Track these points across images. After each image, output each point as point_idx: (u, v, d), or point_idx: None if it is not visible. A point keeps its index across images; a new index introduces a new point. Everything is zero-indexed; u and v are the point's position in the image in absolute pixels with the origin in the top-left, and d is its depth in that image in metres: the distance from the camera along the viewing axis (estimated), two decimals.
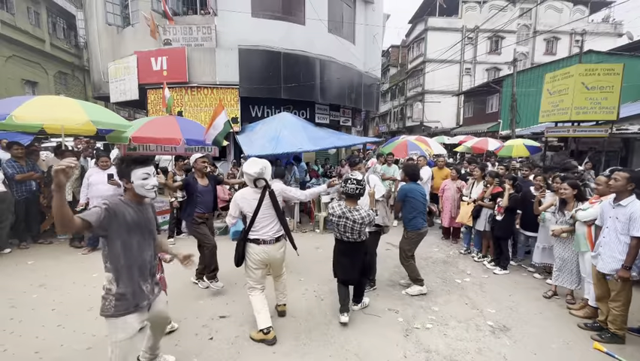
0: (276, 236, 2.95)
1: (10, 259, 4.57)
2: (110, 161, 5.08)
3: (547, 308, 3.68)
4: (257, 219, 2.86)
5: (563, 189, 3.65)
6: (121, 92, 9.54)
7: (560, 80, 9.10)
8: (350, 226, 3.07)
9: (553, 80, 9.38)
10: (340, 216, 3.09)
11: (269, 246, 2.91)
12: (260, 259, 2.91)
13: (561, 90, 9.01)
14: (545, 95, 9.69)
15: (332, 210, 3.15)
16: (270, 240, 2.91)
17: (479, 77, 24.04)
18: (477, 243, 5.33)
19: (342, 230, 3.13)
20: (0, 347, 2.67)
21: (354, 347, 2.85)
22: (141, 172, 1.89)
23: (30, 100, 4.90)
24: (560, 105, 8.98)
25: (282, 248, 3.05)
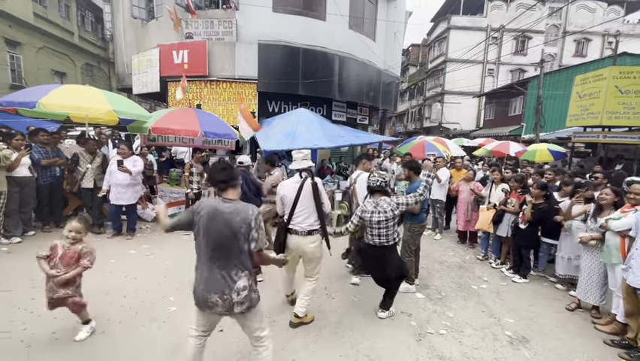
0: (308, 229, 2.95)
1: (33, 241, 4.74)
2: (129, 150, 5.17)
3: (570, 321, 3.50)
4: (296, 209, 2.94)
5: (604, 194, 3.43)
6: (143, 84, 9.75)
7: (591, 82, 8.65)
8: (384, 221, 3.03)
9: (584, 82, 8.92)
10: (373, 212, 3.05)
11: (299, 237, 2.95)
12: (291, 248, 2.99)
13: (592, 93, 8.56)
14: (574, 98, 9.24)
15: (364, 207, 3.12)
16: (302, 231, 2.94)
17: (502, 79, 23.26)
18: (495, 249, 5.14)
19: (375, 230, 3.07)
20: (21, 326, 2.75)
21: (365, 348, 2.78)
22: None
23: (56, 89, 5.05)
24: (590, 109, 8.53)
25: (313, 243, 3.00)
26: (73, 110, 4.95)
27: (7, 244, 4.47)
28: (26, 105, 4.73)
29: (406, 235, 3.98)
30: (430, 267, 4.81)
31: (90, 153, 5.30)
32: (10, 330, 2.69)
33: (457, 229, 6.16)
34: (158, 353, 2.54)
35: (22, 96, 4.97)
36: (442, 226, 6.63)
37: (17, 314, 2.93)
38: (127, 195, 4.99)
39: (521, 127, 16.98)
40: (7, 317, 2.86)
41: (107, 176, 5.00)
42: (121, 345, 2.59)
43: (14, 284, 3.43)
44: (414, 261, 4.01)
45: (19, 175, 4.62)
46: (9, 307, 3.03)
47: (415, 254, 4.05)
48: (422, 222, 4.00)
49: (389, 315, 3.32)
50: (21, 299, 3.16)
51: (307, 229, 2.95)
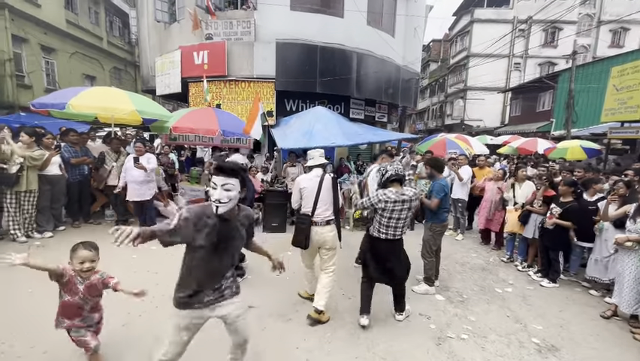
0: (326, 219, 3.16)
1: (64, 236, 4.99)
2: (145, 147, 5.30)
3: (605, 330, 3.25)
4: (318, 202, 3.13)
5: None
6: (166, 86, 10.06)
7: (629, 74, 8.06)
8: (405, 211, 2.93)
9: (622, 74, 8.33)
10: (396, 201, 2.90)
11: (319, 227, 3.14)
12: (313, 239, 3.13)
13: (630, 86, 7.98)
14: (611, 92, 8.64)
15: (384, 196, 2.92)
16: (321, 222, 3.14)
17: (530, 73, 22.16)
18: (522, 251, 4.88)
19: (394, 221, 2.93)
20: (50, 317, 2.87)
21: (382, 351, 2.71)
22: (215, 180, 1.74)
23: (85, 90, 5.30)
24: (629, 103, 7.95)
25: (332, 232, 3.18)
26: (100, 111, 5.17)
27: (40, 238, 4.72)
28: (57, 107, 4.98)
29: (426, 235, 3.85)
30: (451, 268, 4.64)
31: (115, 151, 5.52)
32: (41, 320, 2.81)
33: (479, 227, 5.92)
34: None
35: (54, 98, 5.24)
36: (464, 226, 6.39)
37: (48, 306, 3.06)
38: (141, 191, 5.12)
39: (550, 123, 16.10)
40: (38, 308, 3.01)
41: (122, 173, 5.14)
42: (142, 338, 2.66)
43: (45, 276, 3.60)
44: (434, 262, 3.87)
45: (51, 174, 4.87)
46: (42, 298, 3.18)
47: (435, 255, 3.91)
48: (444, 222, 3.85)
49: (406, 315, 3.22)
50: (52, 292, 3.31)
51: (326, 219, 3.15)
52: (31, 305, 3.06)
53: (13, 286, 3.37)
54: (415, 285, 3.88)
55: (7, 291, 3.27)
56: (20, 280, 3.53)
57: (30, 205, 4.63)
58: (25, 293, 3.27)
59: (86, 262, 2.13)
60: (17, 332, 2.64)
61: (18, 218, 4.55)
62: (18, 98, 12.08)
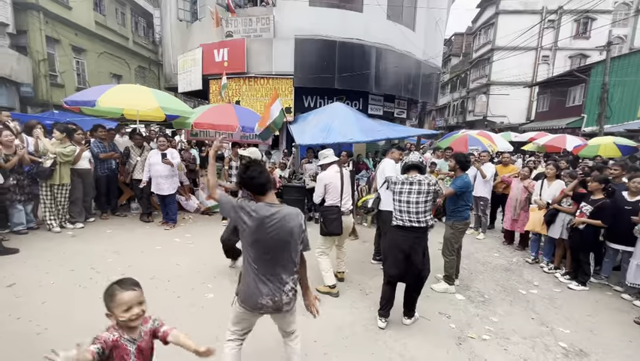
0: (350, 208, 3.74)
1: (93, 227, 5.25)
2: (168, 142, 5.48)
3: (639, 336, 3.07)
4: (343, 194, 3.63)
5: None
6: (187, 83, 10.32)
7: None
8: (414, 197, 2.83)
9: None
10: (404, 183, 2.88)
11: (346, 216, 3.66)
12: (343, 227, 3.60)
13: None
14: None
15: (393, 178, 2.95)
16: (347, 211, 3.66)
17: (559, 66, 21.03)
18: (547, 252, 4.68)
19: (405, 204, 2.86)
20: (80, 303, 3.05)
21: (399, 348, 2.68)
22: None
23: (112, 88, 5.53)
24: None
25: (352, 219, 3.84)
26: (127, 107, 5.39)
27: (72, 229, 4.99)
28: (88, 104, 5.24)
29: (447, 233, 3.76)
30: (472, 268, 4.52)
31: (138, 146, 5.73)
32: (72, 305, 2.98)
33: (503, 227, 5.72)
34: (197, 337, 2.66)
35: (84, 96, 5.51)
36: (486, 225, 6.20)
37: (79, 292, 3.25)
38: (166, 185, 5.29)
39: (581, 119, 15.26)
40: (70, 293, 3.19)
41: (145, 168, 5.32)
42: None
43: (76, 265, 3.81)
44: (455, 260, 3.78)
45: (81, 167, 5.12)
46: (72, 285, 3.37)
47: (456, 253, 3.82)
48: (466, 220, 3.74)
49: (414, 320, 3.09)
50: (82, 278, 3.51)
51: (349, 208, 3.73)
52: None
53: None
54: (434, 283, 3.80)
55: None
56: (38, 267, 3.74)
57: (63, 197, 4.90)
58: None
59: (133, 306, 1.43)
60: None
61: (53, 209, 4.82)
62: (51, 97, 12.75)
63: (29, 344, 2.42)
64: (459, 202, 3.71)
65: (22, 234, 4.52)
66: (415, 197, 2.85)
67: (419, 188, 2.86)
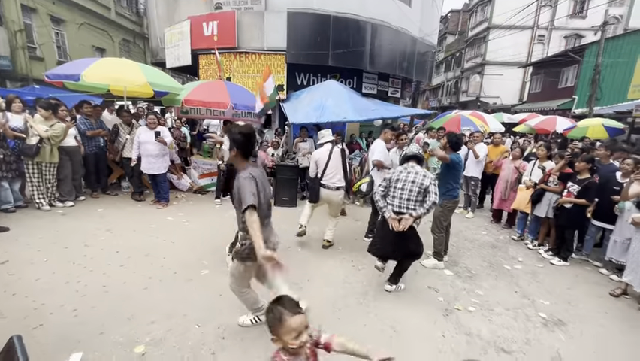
0: (336, 185, 4.00)
1: (84, 205, 5.18)
2: (159, 120, 5.35)
3: (614, 308, 3.28)
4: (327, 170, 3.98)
5: None
6: (175, 58, 9.91)
7: None
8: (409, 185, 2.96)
9: None
10: (401, 172, 3.03)
11: (329, 190, 4.01)
12: (321, 197, 4.06)
13: None
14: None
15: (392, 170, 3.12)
16: (331, 186, 3.99)
17: (554, 46, 20.87)
18: (533, 230, 4.86)
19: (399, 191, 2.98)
20: (76, 279, 3.07)
21: (390, 320, 2.80)
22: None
23: (97, 62, 5.27)
24: None
25: (339, 195, 4.09)
26: (113, 82, 5.17)
27: (62, 207, 4.92)
28: (71, 78, 5.00)
29: (437, 211, 3.85)
30: (461, 245, 4.67)
31: (127, 124, 5.58)
32: (68, 281, 3.00)
33: (492, 207, 5.87)
34: (195, 309, 2.73)
35: (67, 69, 5.25)
36: (475, 205, 6.35)
37: (73, 268, 3.25)
38: (157, 164, 5.22)
39: (572, 100, 15.37)
40: (64, 270, 3.20)
41: (135, 146, 5.20)
42: (161, 301, 2.81)
43: (69, 242, 3.80)
44: (444, 237, 3.90)
45: (68, 145, 4.98)
46: (66, 262, 3.37)
47: (445, 231, 3.94)
48: (455, 199, 3.84)
49: (396, 289, 3.25)
50: (76, 256, 3.51)
51: (336, 184, 4.00)
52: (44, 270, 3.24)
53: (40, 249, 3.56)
54: (424, 259, 3.93)
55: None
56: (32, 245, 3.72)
57: (51, 175, 4.79)
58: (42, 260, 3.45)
59: (302, 332, 1.27)
60: (49, 293, 2.81)
61: (41, 187, 4.72)
62: (31, 71, 12.12)
63: (27, 319, 2.45)
64: (449, 181, 3.79)
65: (9, 212, 4.44)
66: (409, 185, 2.98)
67: (414, 178, 2.98)
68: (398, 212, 2.99)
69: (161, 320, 2.57)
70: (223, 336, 2.44)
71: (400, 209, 2.99)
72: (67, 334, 2.32)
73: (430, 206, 2.95)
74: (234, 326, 2.56)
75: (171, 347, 2.29)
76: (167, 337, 2.38)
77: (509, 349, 2.54)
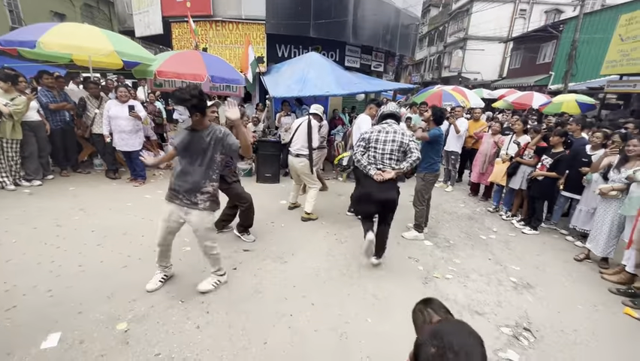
0: (296, 152, 4.19)
1: (53, 184, 4.91)
2: (130, 93, 5.02)
3: (577, 271, 3.54)
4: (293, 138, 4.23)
5: (632, 145, 3.22)
6: (145, 26, 9.19)
7: (638, 22, 7.70)
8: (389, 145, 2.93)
9: (629, 22, 7.96)
10: (380, 131, 2.96)
11: (291, 157, 4.24)
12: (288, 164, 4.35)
13: (636, 36, 7.69)
14: (615, 42, 8.34)
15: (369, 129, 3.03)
16: (293, 153, 4.22)
17: (535, 20, 20.96)
18: (507, 201, 5.08)
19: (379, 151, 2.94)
20: (49, 259, 2.94)
21: (373, 288, 2.90)
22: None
23: (55, 26, 4.79)
24: (632, 55, 7.73)
25: (300, 163, 4.21)
26: (76, 51, 4.75)
27: (29, 187, 4.63)
28: (26, 45, 4.54)
29: (419, 185, 3.92)
30: (440, 217, 4.83)
31: (95, 97, 5.20)
32: (40, 262, 2.88)
33: (470, 180, 6.05)
34: (177, 286, 2.71)
35: (21, 35, 4.75)
36: (455, 179, 6.52)
37: (45, 249, 3.12)
38: (131, 140, 4.96)
39: (549, 76, 15.71)
40: (35, 251, 3.06)
41: (104, 121, 4.89)
42: (142, 279, 2.76)
43: (39, 222, 3.61)
44: (424, 210, 4.01)
45: (30, 119, 4.60)
46: (37, 242, 3.22)
47: (426, 204, 4.04)
48: (436, 172, 3.91)
49: (381, 261, 3.31)
50: (47, 236, 3.35)
51: (296, 152, 4.19)
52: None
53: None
54: (405, 231, 4.05)
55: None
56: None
57: (14, 152, 4.45)
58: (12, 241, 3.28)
59: None
60: (19, 274, 2.69)
61: (4, 165, 4.40)
62: None
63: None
64: (430, 155, 3.83)
65: None
66: (389, 145, 2.94)
67: (394, 137, 2.94)
68: (380, 169, 2.99)
69: (143, 297, 2.53)
70: (207, 310, 2.45)
71: (384, 166, 2.97)
72: (43, 314, 2.25)
73: (414, 161, 2.92)
74: (219, 300, 2.57)
75: (155, 322, 2.28)
76: (149, 313, 2.36)
77: (482, 311, 2.71)
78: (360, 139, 3.07)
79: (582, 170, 3.96)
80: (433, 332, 0.78)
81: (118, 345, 2.06)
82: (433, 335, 0.77)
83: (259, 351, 2.11)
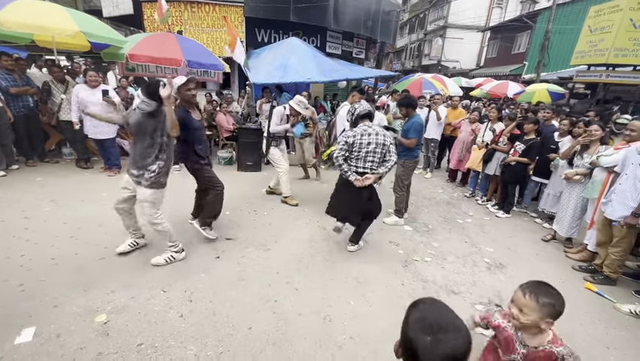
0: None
1: (18, 175, 4.62)
2: (100, 77, 4.74)
3: (544, 251, 3.78)
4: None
5: (592, 131, 3.42)
6: (114, 5, 8.61)
7: (605, 14, 8.04)
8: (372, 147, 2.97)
9: (598, 14, 8.30)
10: (362, 135, 2.98)
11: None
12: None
13: (604, 27, 8.03)
14: (584, 33, 8.69)
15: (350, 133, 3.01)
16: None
17: (511, 10, 21.43)
18: (482, 187, 5.29)
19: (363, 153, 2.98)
20: (18, 253, 2.80)
21: (355, 273, 2.97)
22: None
23: (12, 3, 4.38)
24: (599, 45, 8.09)
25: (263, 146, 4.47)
26: (37, 30, 4.41)
27: None
28: None
29: (399, 171, 4.00)
30: (419, 203, 4.97)
31: (60, 81, 4.88)
32: (9, 256, 2.74)
33: (449, 167, 6.24)
34: (158, 276, 2.66)
35: None
36: (434, 165, 6.70)
37: (13, 242, 2.96)
38: (105, 128, 4.72)
39: (523, 66, 16.23)
40: (3, 244, 2.90)
41: (73, 107, 4.61)
42: (120, 270, 2.69)
43: (5, 215, 3.41)
44: (404, 196, 4.11)
45: None
46: (4, 235, 3.05)
47: (406, 190, 4.14)
48: (416, 158, 4.01)
49: (358, 248, 3.38)
50: (15, 229, 3.18)
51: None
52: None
53: None
54: (385, 217, 4.15)
55: None
56: None
57: None
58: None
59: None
60: None
61: None
62: None
63: None
64: None
65: None
66: (372, 147, 2.99)
67: (376, 139, 2.98)
68: (362, 173, 3.05)
69: (122, 288, 2.48)
70: (191, 299, 2.43)
71: (365, 170, 3.04)
72: (15, 309, 2.16)
73: (392, 165, 3.05)
74: (203, 289, 2.55)
75: (136, 313, 2.24)
76: (130, 304, 2.32)
77: (458, 290, 2.85)
78: (343, 142, 3.02)
79: (550, 156, 4.19)
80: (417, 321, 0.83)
81: (98, 337, 2.02)
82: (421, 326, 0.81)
83: (244, 336, 2.13)
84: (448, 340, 0.77)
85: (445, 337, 0.77)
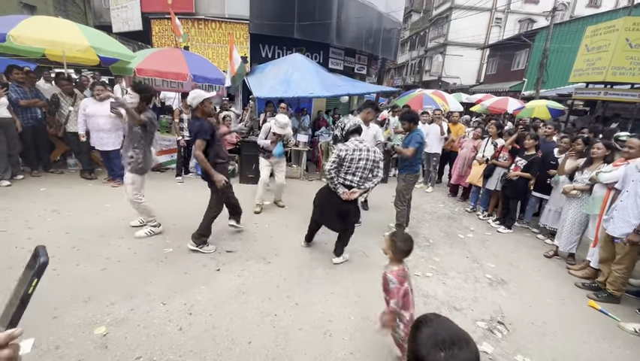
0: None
1: (23, 185, 4.67)
2: (107, 90, 4.86)
3: (547, 267, 3.75)
4: None
5: (596, 148, 3.46)
6: (123, 21, 8.91)
7: (602, 34, 8.24)
8: (363, 163, 3.04)
9: (595, 34, 8.50)
10: (354, 150, 3.05)
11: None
12: None
13: (600, 47, 8.21)
14: (582, 52, 8.87)
15: (343, 147, 3.06)
16: None
17: (510, 29, 21.95)
18: (484, 202, 5.29)
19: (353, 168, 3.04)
20: (20, 263, 2.80)
21: (355, 287, 2.95)
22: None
23: (26, 19, 4.58)
24: (597, 64, 8.25)
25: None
26: (49, 46, 4.55)
27: None
28: None
29: (400, 185, 4.03)
30: (420, 217, 4.97)
31: (69, 94, 5.00)
32: (11, 266, 2.75)
33: (450, 182, 6.26)
34: (159, 288, 2.66)
35: None
36: (435, 180, 6.72)
37: (16, 253, 2.97)
38: (111, 139, 4.81)
39: (522, 82, 16.48)
40: (6, 255, 2.91)
41: (80, 119, 4.72)
42: (121, 282, 2.69)
43: (8, 225, 3.44)
44: (405, 210, 4.12)
45: (1, 116, 4.38)
46: (7, 246, 3.06)
47: (407, 204, 4.15)
48: (416, 173, 4.05)
49: (343, 260, 3.38)
50: (18, 239, 3.20)
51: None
52: None
53: None
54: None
55: None
56: None
57: None
58: None
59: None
60: None
61: None
62: None
63: None
64: (412, 157, 3.93)
65: None
66: (363, 163, 3.06)
67: (367, 155, 3.06)
68: (349, 186, 3.11)
69: (122, 300, 2.47)
70: (190, 312, 2.42)
71: (352, 184, 3.11)
72: None
73: (378, 181, 3.20)
74: (203, 302, 2.54)
75: (135, 325, 2.23)
76: (129, 316, 2.31)
77: (460, 306, 2.82)
78: (336, 155, 3.07)
79: (550, 172, 4.21)
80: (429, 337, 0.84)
81: (96, 349, 2.00)
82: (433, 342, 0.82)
83: (243, 351, 2.11)
84: (461, 354, 0.78)
85: (458, 351, 0.79)
